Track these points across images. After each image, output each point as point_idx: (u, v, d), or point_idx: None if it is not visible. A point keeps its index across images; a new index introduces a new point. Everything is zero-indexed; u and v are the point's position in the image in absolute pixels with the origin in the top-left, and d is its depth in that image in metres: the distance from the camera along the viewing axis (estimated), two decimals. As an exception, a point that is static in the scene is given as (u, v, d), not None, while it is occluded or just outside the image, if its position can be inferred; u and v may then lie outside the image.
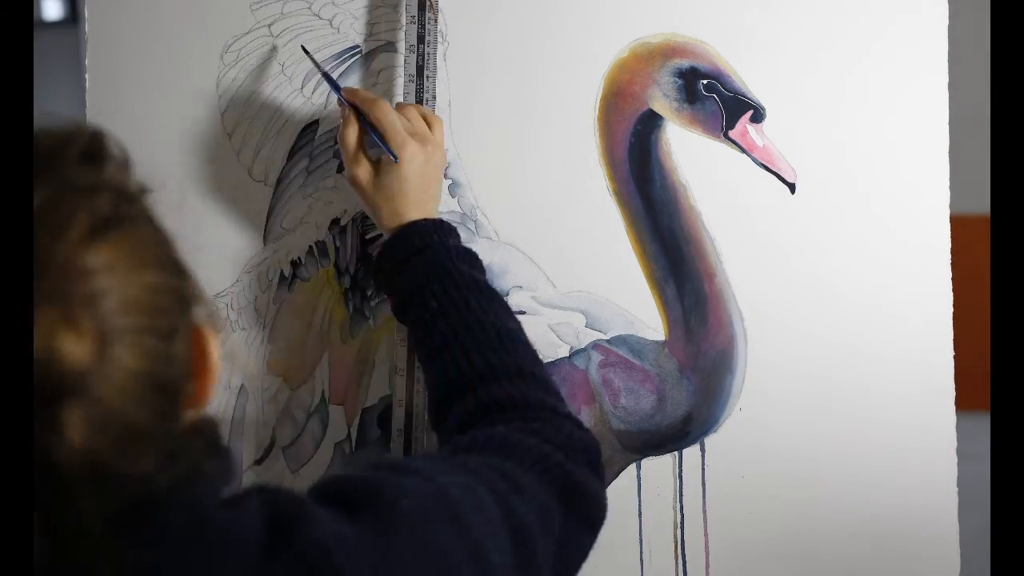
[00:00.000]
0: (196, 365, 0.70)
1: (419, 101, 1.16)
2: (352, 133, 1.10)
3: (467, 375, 0.98)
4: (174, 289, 0.69)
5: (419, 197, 1.08)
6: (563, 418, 0.96)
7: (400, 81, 1.20)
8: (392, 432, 1.17)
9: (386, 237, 1.09)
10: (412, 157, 1.07)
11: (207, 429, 0.71)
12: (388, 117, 1.08)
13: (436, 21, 1.17)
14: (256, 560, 0.69)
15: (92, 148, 0.69)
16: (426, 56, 1.17)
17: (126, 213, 0.67)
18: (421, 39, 1.17)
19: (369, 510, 0.75)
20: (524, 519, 0.83)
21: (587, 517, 0.91)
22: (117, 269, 0.65)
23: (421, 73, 1.17)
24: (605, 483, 0.96)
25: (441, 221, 1.09)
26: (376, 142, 1.08)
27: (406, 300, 1.06)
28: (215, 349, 0.72)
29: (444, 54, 1.21)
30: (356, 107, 1.10)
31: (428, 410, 1.06)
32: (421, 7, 1.17)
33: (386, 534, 0.74)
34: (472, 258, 1.08)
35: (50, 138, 0.69)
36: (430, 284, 1.03)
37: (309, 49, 1.17)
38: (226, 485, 0.72)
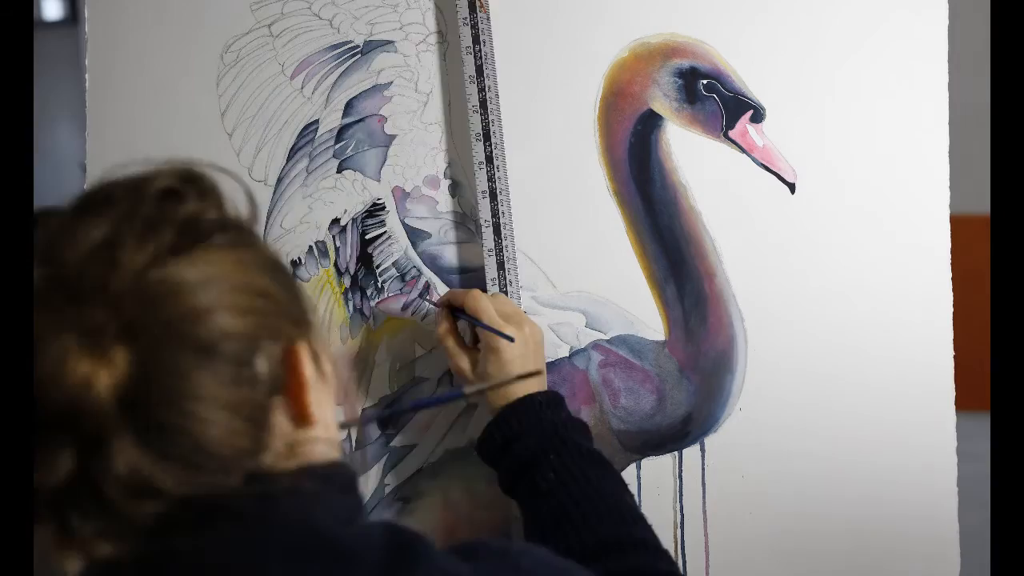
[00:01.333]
0: (287, 384, 0.73)
1: (481, 102, 1.16)
2: (449, 332, 1.12)
3: (591, 549, 0.97)
4: (257, 311, 0.71)
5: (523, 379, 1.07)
6: None
7: (401, 81, 1.20)
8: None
9: (494, 416, 1.08)
10: (509, 345, 1.07)
11: (325, 468, 0.74)
12: (483, 305, 1.09)
13: (488, 19, 1.17)
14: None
15: (171, 188, 0.72)
16: (483, 56, 1.16)
17: (199, 240, 0.70)
18: (476, 39, 1.16)
19: (490, 561, 0.78)
20: None
21: None
22: (182, 294, 0.68)
23: (481, 72, 1.16)
24: None
25: (553, 393, 1.09)
26: (486, 329, 1.08)
27: (518, 473, 1.05)
28: (308, 367, 0.74)
29: (444, 54, 1.21)
30: (450, 306, 1.13)
31: None
32: (472, 7, 1.16)
33: None
34: (584, 428, 1.08)
35: (129, 182, 0.73)
36: (547, 456, 1.03)
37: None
38: (353, 513, 0.75)
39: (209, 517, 0.68)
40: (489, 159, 1.16)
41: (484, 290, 1.15)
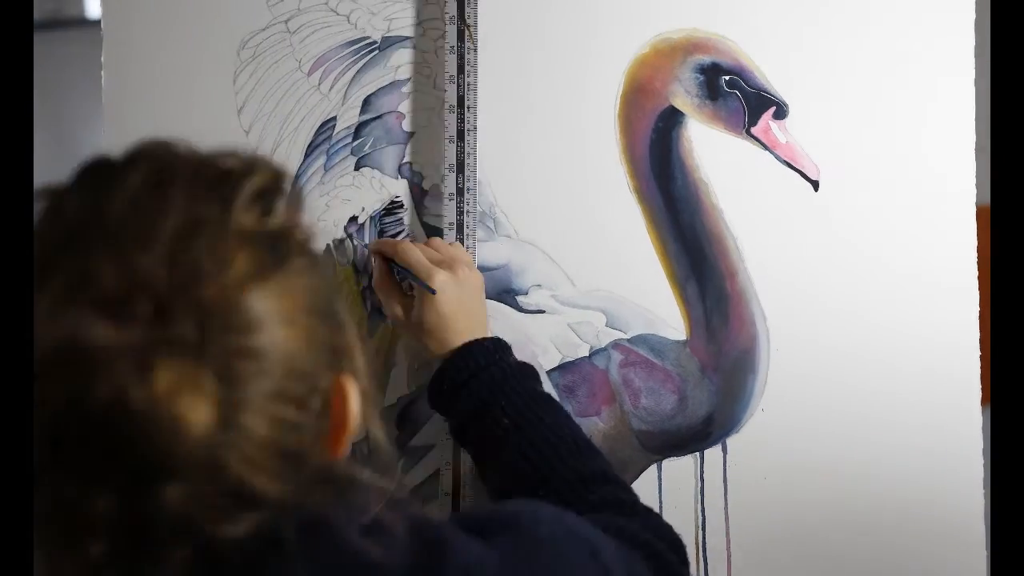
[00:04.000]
0: (332, 423, 0.70)
1: (459, 132, 1.15)
2: (383, 278, 1.12)
3: (554, 486, 0.98)
4: (322, 344, 0.67)
5: (464, 321, 1.07)
6: (657, 516, 0.97)
7: (418, 78, 1.19)
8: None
9: (440, 363, 1.08)
10: (444, 285, 1.07)
11: (335, 473, 0.70)
12: (412, 254, 1.09)
13: (476, 51, 1.16)
14: None
15: (264, 190, 0.67)
16: (466, 87, 1.15)
17: (283, 262, 0.66)
18: (461, 70, 1.15)
19: (507, 536, 0.76)
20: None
21: None
22: (265, 326, 0.63)
23: (462, 103, 1.15)
24: None
25: (496, 339, 1.08)
26: (409, 278, 1.09)
27: (469, 419, 1.05)
28: (355, 405, 0.71)
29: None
30: (382, 255, 1.12)
31: None
32: (460, 37, 1.15)
33: (526, 560, 0.75)
34: (532, 372, 1.08)
35: (226, 172, 0.67)
36: (497, 401, 1.03)
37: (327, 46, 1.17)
38: (365, 514, 0.71)
39: (235, 562, 0.65)
40: (460, 192, 1.15)
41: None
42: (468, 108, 1.15)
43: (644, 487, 1.18)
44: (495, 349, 1.07)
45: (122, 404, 0.59)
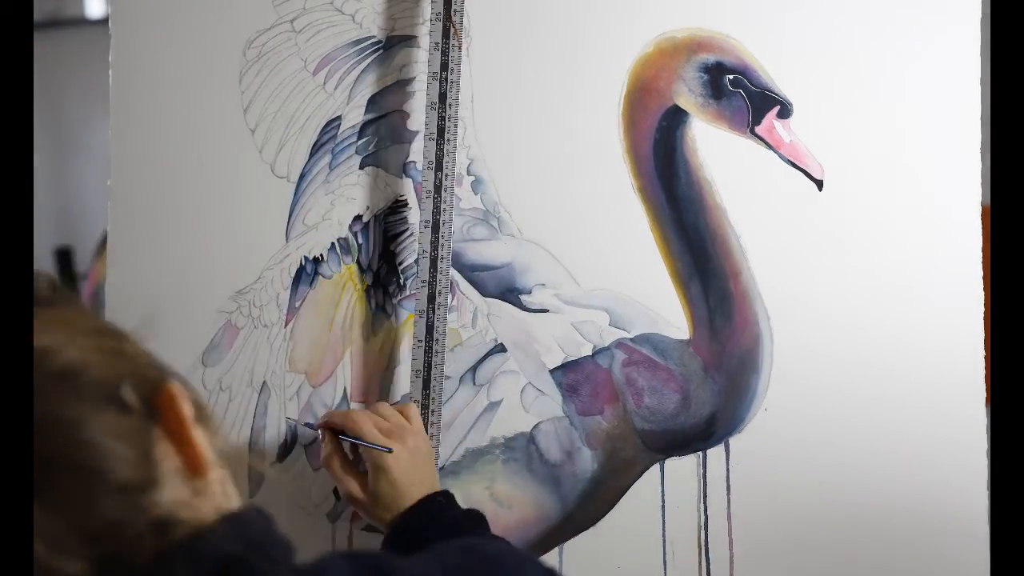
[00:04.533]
0: (163, 416, 0.68)
1: (438, 129, 1.14)
2: (333, 455, 1.10)
3: None
4: (106, 356, 0.67)
5: (417, 489, 1.06)
6: None
7: (423, 77, 1.19)
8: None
9: (393, 526, 1.06)
10: (396, 458, 1.06)
11: (243, 523, 0.69)
12: (363, 427, 1.07)
13: (460, 48, 1.16)
14: None
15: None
16: (448, 83, 1.15)
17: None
18: (444, 66, 1.15)
19: (454, 551, 0.78)
20: None
21: None
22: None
23: (444, 100, 1.15)
24: None
25: (441, 494, 1.07)
26: (367, 446, 1.07)
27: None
28: (185, 404, 0.69)
29: (467, 49, 1.20)
30: (331, 428, 1.10)
31: None
32: (445, 33, 1.15)
33: (473, 572, 0.76)
34: (480, 519, 1.07)
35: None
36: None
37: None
38: (287, 553, 0.71)
39: None
40: (438, 189, 1.14)
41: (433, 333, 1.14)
42: (449, 105, 1.15)
43: (646, 486, 1.18)
44: (447, 503, 1.06)
45: None
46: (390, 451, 1.06)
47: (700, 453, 1.18)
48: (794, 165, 1.18)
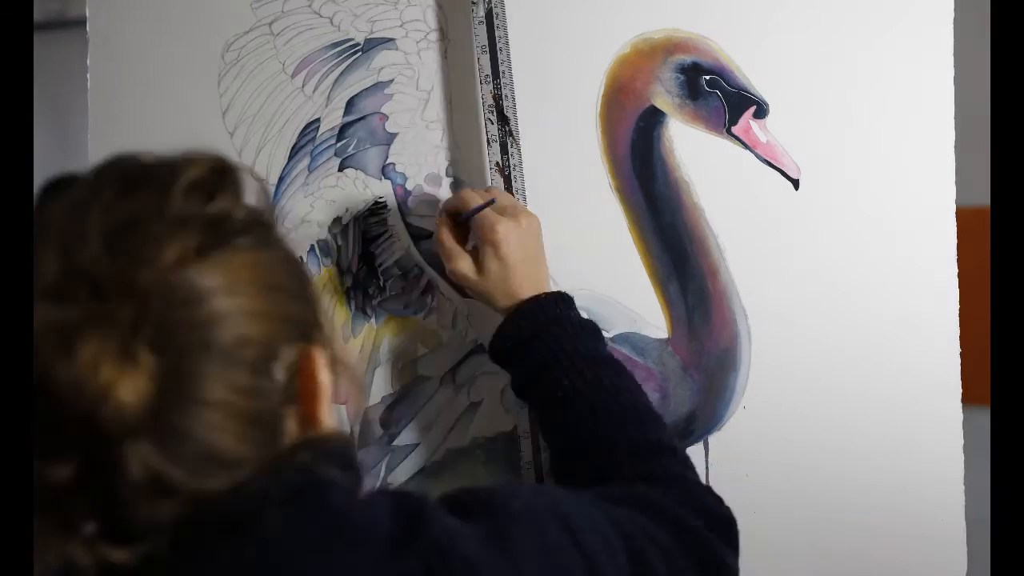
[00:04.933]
0: (301, 390, 0.72)
1: (497, 98, 1.15)
2: (445, 232, 1.10)
3: (607, 454, 0.97)
4: (277, 315, 0.70)
5: (528, 272, 1.07)
6: (700, 489, 0.96)
7: (401, 79, 1.19)
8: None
9: (504, 317, 1.07)
10: (506, 235, 1.06)
11: (323, 444, 0.73)
12: (470, 197, 1.09)
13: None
14: (388, 548, 0.71)
15: (202, 180, 0.70)
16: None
17: (225, 241, 0.69)
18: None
19: (483, 514, 0.78)
20: (652, 563, 0.83)
21: None
22: (208, 299, 0.67)
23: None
24: (738, 556, 0.95)
25: (561, 294, 1.07)
26: (479, 210, 1.07)
27: (530, 378, 1.04)
28: (324, 372, 0.73)
29: (445, 51, 1.20)
30: (448, 212, 1.11)
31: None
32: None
33: (498, 534, 0.76)
34: (595, 331, 1.06)
35: (163, 167, 0.71)
36: (560, 362, 1.02)
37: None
38: (355, 487, 0.74)
39: (227, 516, 0.68)
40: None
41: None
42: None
43: (627, 485, 1.19)
44: (559, 304, 1.06)
45: (49, 378, 0.63)
46: (492, 201, 1.07)
47: (679, 451, 1.19)
48: (771, 164, 1.19)
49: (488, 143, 1.15)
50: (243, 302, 0.68)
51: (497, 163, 1.15)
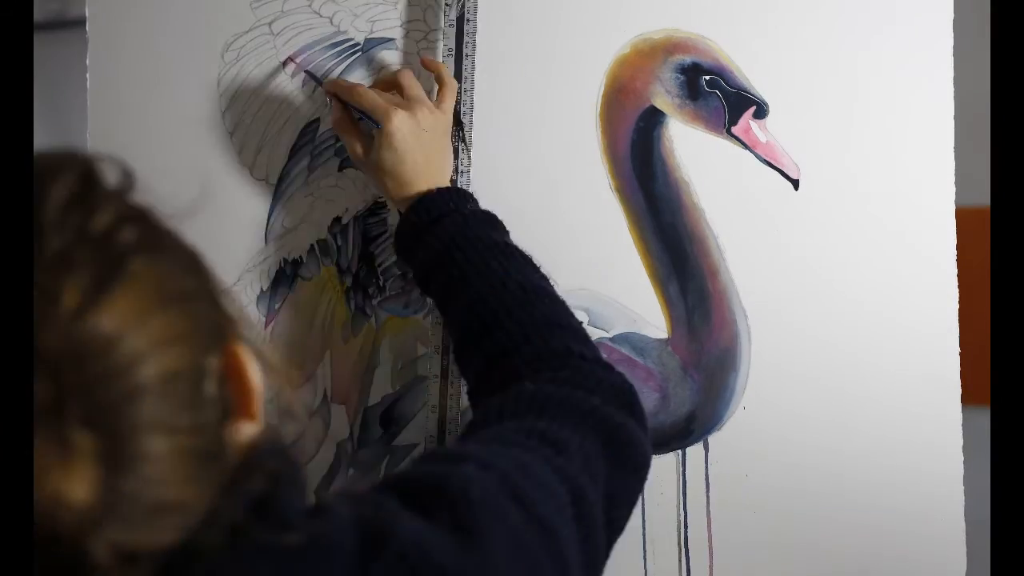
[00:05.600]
0: (234, 398, 0.66)
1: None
2: (341, 117, 1.12)
3: (498, 337, 0.97)
4: (194, 329, 0.62)
5: (421, 165, 1.07)
6: (592, 363, 0.95)
7: (401, 79, 1.20)
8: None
9: (400, 211, 1.09)
10: (399, 125, 1.07)
11: (264, 456, 0.66)
12: (366, 96, 1.09)
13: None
14: (353, 566, 0.67)
15: (74, 196, 0.60)
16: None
17: (120, 266, 0.59)
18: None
19: (443, 509, 0.73)
20: (577, 481, 0.81)
21: (631, 461, 0.88)
22: (120, 342, 0.57)
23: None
24: (647, 425, 0.93)
25: (455, 188, 1.08)
26: (362, 117, 1.10)
27: (428, 272, 1.05)
28: (251, 369, 0.67)
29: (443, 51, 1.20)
30: (337, 96, 1.13)
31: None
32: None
33: (468, 530, 0.72)
34: (492, 220, 1.07)
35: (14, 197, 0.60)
36: (450, 253, 1.03)
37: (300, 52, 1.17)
38: (302, 494, 0.69)
39: (186, 569, 0.62)
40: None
41: None
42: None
43: (626, 485, 1.19)
44: (453, 197, 1.07)
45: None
46: (378, 126, 1.07)
47: (679, 451, 1.19)
48: (770, 165, 1.19)
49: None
50: (156, 330, 0.59)
51: None
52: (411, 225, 1.07)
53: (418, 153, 1.07)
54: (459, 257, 1.02)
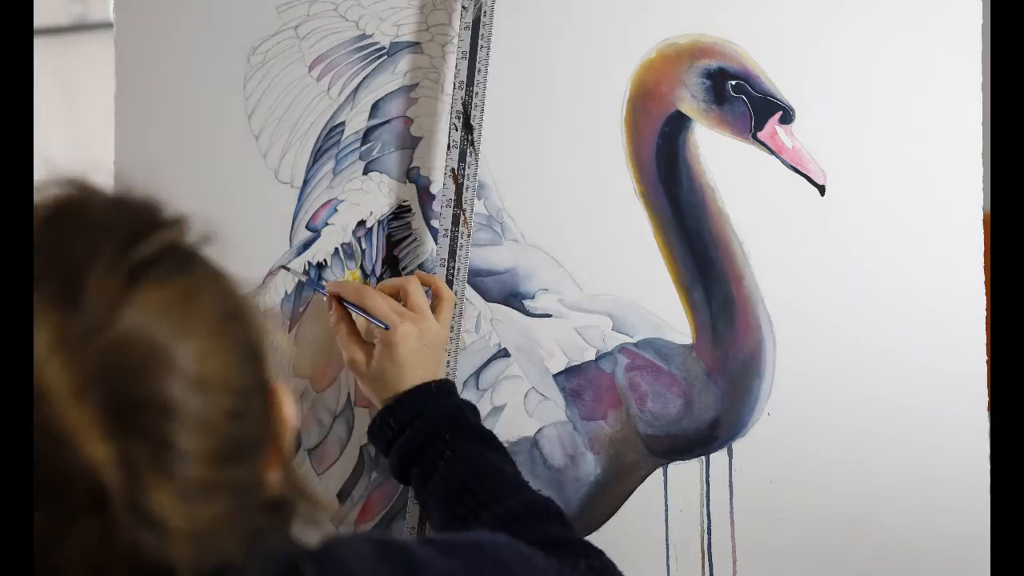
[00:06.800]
0: (271, 429, 0.67)
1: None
2: (341, 322, 1.12)
3: (489, 519, 0.98)
4: (240, 366, 0.64)
5: (420, 372, 1.08)
6: (595, 553, 0.97)
7: (426, 82, 1.19)
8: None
9: (385, 404, 1.08)
10: (403, 339, 1.07)
11: (295, 500, 0.68)
12: (375, 301, 1.09)
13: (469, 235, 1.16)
14: None
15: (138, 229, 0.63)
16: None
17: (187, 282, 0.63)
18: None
19: (470, 553, 0.78)
20: None
21: None
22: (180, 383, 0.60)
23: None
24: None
25: (444, 380, 1.09)
26: (369, 318, 1.09)
27: (412, 455, 1.05)
28: (289, 405, 0.68)
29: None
30: (338, 299, 1.12)
31: None
32: (455, 221, 1.15)
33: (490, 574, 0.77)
34: (475, 410, 1.09)
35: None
36: (441, 436, 1.04)
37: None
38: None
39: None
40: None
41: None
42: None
43: (650, 491, 1.19)
44: (440, 391, 1.07)
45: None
46: (386, 327, 1.06)
47: (703, 457, 1.19)
48: (796, 170, 1.18)
49: (448, 147, 1.15)
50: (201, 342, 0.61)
51: (453, 169, 1.15)
52: (396, 416, 1.07)
53: (418, 367, 1.08)
54: (451, 440, 1.04)
